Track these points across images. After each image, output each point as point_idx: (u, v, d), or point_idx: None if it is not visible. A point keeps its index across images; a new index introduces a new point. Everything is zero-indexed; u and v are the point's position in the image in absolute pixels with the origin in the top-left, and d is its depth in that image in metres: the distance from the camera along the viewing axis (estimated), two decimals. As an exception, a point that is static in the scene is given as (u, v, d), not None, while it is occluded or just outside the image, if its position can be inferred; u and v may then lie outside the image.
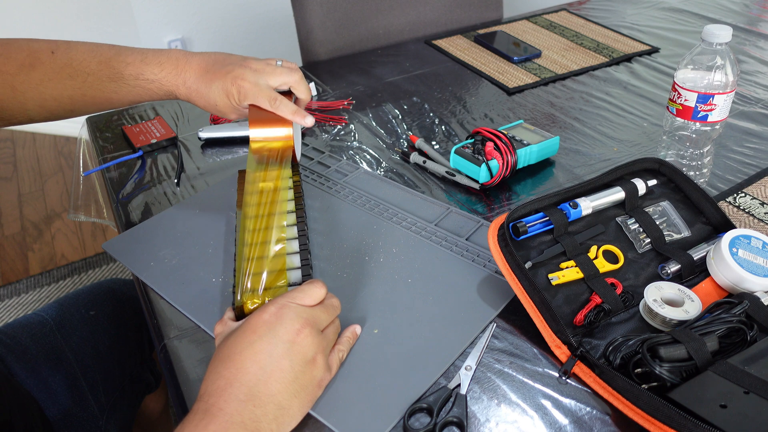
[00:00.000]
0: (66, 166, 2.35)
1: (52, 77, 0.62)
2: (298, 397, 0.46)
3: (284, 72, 0.68)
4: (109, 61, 0.64)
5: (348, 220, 0.71)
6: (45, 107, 0.64)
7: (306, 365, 0.47)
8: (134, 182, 0.81)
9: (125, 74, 0.65)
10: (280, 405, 0.45)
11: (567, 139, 0.88)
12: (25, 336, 0.76)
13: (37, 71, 0.62)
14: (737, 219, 0.72)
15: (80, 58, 0.63)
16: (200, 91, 0.66)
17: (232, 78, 0.65)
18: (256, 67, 0.67)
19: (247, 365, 0.45)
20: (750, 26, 1.26)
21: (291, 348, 0.46)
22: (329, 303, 0.53)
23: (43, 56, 0.63)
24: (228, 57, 0.68)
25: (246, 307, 0.54)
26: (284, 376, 0.45)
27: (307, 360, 0.47)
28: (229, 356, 0.46)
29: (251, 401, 0.43)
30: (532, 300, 0.56)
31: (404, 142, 0.89)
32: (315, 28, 1.26)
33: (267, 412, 0.44)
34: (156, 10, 2.24)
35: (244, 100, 0.66)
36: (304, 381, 0.47)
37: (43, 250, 1.95)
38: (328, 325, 0.52)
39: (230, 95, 0.65)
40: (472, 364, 0.54)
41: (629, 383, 0.48)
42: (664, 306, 0.55)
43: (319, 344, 0.48)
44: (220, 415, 0.42)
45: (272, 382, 0.45)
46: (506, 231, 0.60)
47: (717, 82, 0.81)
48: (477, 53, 1.16)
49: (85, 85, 0.64)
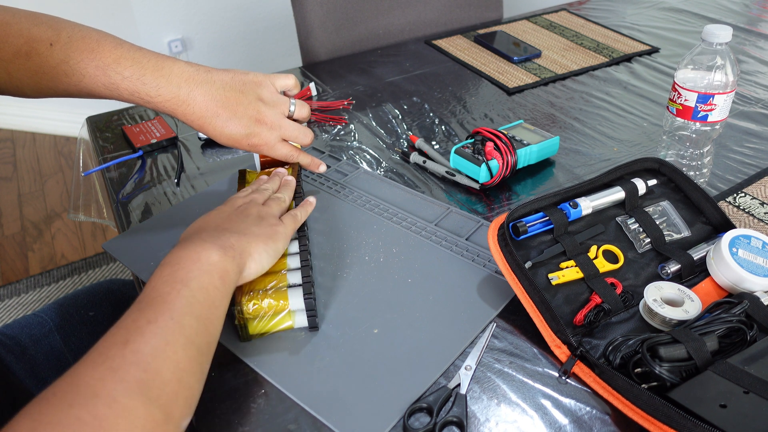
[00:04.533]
0: (66, 166, 2.36)
1: (48, 71, 0.61)
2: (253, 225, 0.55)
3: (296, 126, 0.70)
4: (106, 69, 0.61)
5: (348, 220, 0.71)
6: (41, 92, 0.63)
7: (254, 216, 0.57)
8: (134, 182, 0.81)
9: (121, 88, 0.62)
10: (235, 230, 0.53)
11: (567, 139, 0.88)
12: (25, 337, 0.76)
13: (32, 61, 0.60)
14: (737, 219, 0.72)
15: (78, 58, 0.61)
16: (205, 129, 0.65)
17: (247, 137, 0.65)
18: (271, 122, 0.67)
19: (198, 222, 0.56)
20: (750, 26, 1.26)
21: (237, 210, 0.58)
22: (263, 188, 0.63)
23: (41, 47, 0.60)
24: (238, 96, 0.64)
25: (246, 308, 0.54)
26: (233, 221, 0.55)
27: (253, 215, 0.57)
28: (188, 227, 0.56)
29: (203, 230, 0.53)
30: (532, 300, 0.56)
31: (404, 142, 0.89)
32: (315, 28, 1.26)
33: (222, 233, 0.52)
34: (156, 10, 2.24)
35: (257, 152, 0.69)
36: (252, 218, 0.56)
37: (43, 250, 1.95)
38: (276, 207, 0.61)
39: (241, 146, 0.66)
40: (472, 364, 0.54)
41: (629, 383, 0.48)
42: (664, 306, 0.55)
43: (263, 210, 0.58)
44: (181, 243, 0.51)
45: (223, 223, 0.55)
46: (506, 231, 0.60)
47: (717, 82, 0.81)
48: (477, 53, 1.16)
49: (81, 85, 0.62)
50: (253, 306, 0.54)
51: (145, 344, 0.41)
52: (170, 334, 0.42)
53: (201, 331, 0.45)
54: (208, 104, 0.63)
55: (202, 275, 0.47)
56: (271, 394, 0.52)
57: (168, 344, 0.42)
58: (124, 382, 0.38)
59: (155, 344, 0.41)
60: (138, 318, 0.43)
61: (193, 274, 0.46)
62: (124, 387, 0.38)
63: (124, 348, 0.40)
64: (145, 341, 0.41)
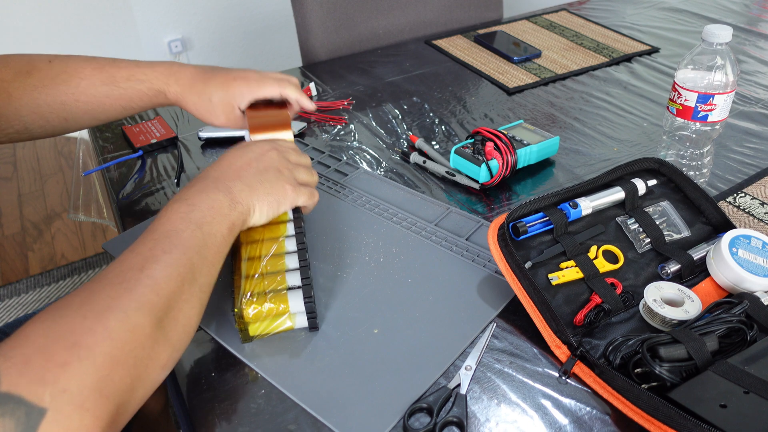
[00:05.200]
0: (66, 166, 2.35)
1: (47, 83, 0.64)
2: (264, 183, 0.56)
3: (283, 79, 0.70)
4: (104, 66, 0.66)
5: (348, 220, 0.71)
6: (38, 113, 0.65)
7: (271, 170, 0.57)
8: (134, 182, 0.81)
9: (117, 77, 0.66)
10: (247, 183, 0.55)
11: (567, 139, 0.88)
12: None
13: (32, 77, 0.64)
14: (737, 219, 0.72)
15: (76, 65, 0.65)
16: (195, 88, 0.67)
17: (234, 74, 0.67)
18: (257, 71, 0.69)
19: (220, 162, 0.57)
20: (750, 26, 1.26)
21: (259, 158, 0.58)
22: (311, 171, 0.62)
23: (40, 64, 0.65)
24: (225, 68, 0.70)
25: (246, 313, 0.54)
26: (251, 172, 0.56)
27: (272, 168, 0.58)
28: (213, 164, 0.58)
29: (222, 178, 0.55)
30: (532, 300, 0.56)
31: (404, 142, 0.89)
32: (315, 28, 1.26)
33: (236, 184, 0.54)
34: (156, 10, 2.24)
35: (247, 91, 0.67)
36: (270, 176, 0.57)
37: (43, 250, 1.95)
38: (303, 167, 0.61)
39: (230, 88, 0.66)
40: (472, 364, 0.54)
41: (629, 383, 0.48)
42: (664, 306, 0.55)
43: (286, 163, 0.59)
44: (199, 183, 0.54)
45: (241, 171, 0.56)
46: (506, 231, 0.60)
47: (717, 82, 0.81)
48: (477, 53, 1.16)
49: (78, 90, 0.65)
50: (254, 311, 0.54)
51: (159, 271, 0.45)
52: (181, 267, 0.46)
53: (205, 272, 0.49)
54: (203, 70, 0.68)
55: (214, 222, 0.51)
56: (271, 394, 0.52)
57: (179, 275, 0.46)
58: (137, 301, 0.42)
59: (168, 273, 0.45)
60: (154, 247, 0.46)
61: (207, 220, 0.50)
62: (136, 305, 0.42)
63: (140, 273, 0.44)
64: (160, 269, 0.45)
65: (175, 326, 0.45)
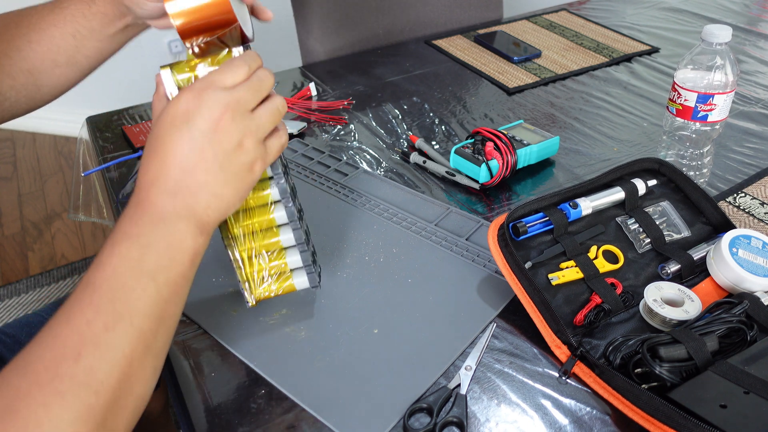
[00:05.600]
0: (66, 166, 2.35)
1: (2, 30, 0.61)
2: (230, 184, 0.44)
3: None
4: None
5: (348, 220, 0.71)
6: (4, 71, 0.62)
7: (232, 152, 0.43)
8: (134, 182, 0.81)
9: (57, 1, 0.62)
10: (212, 193, 0.43)
11: (567, 139, 0.88)
12: (25, 335, 0.76)
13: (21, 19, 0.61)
14: (737, 219, 0.72)
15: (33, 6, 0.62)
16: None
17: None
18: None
19: (168, 159, 0.42)
20: (750, 26, 1.26)
21: (212, 137, 0.42)
22: (255, 77, 0.45)
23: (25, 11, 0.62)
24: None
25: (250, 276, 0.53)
26: (209, 166, 0.43)
27: (232, 147, 0.43)
28: (153, 148, 0.43)
29: (180, 193, 0.42)
30: (532, 300, 0.56)
31: (404, 142, 0.89)
32: (315, 28, 1.26)
33: (199, 200, 0.43)
34: (156, 10, 2.24)
35: None
36: (234, 168, 0.44)
37: (43, 250, 1.95)
38: (260, 103, 0.45)
39: None
40: (472, 364, 0.54)
41: (629, 383, 0.48)
42: (664, 306, 0.55)
43: (246, 127, 0.44)
44: (152, 207, 0.42)
45: (198, 173, 0.42)
46: (506, 231, 0.60)
47: (717, 82, 0.81)
48: (477, 53, 1.16)
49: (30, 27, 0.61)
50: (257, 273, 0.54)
51: (100, 359, 0.37)
52: (128, 343, 0.38)
53: (161, 333, 0.41)
54: None
55: (172, 265, 0.41)
56: (271, 394, 0.52)
57: (125, 357, 0.38)
58: (72, 411, 0.35)
59: (111, 358, 0.37)
60: (94, 321, 0.37)
61: (163, 264, 0.41)
62: (70, 417, 0.35)
63: (76, 365, 0.36)
64: (101, 355, 0.37)
65: (123, 415, 0.38)
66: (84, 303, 0.38)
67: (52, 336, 0.37)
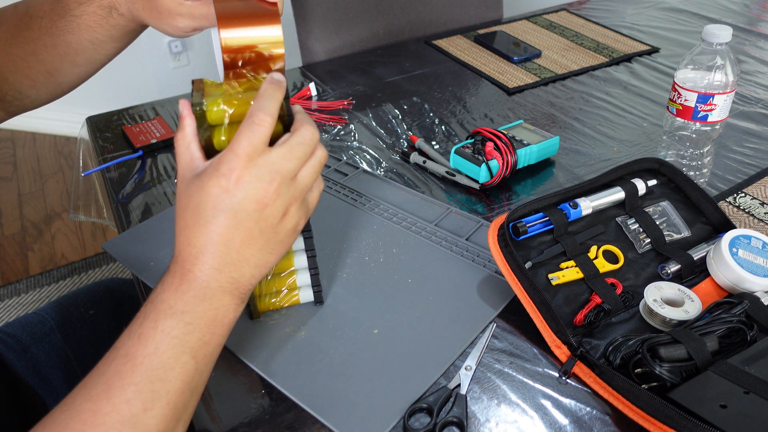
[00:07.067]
0: (66, 166, 2.35)
1: (14, 33, 0.61)
2: (275, 252, 0.44)
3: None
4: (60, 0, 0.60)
5: (348, 220, 0.71)
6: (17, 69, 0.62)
7: (278, 224, 0.44)
8: (134, 182, 0.81)
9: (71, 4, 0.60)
10: (257, 264, 0.43)
11: (567, 139, 0.88)
12: (26, 335, 0.76)
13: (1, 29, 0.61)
14: (737, 219, 0.72)
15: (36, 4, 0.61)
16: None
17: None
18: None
19: (213, 237, 0.41)
20: (750, 26, 1.26)
21: (259, 216, 0.42)
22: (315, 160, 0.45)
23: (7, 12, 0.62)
24: None
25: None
26: (255, 241, 0.43)
27: (278, 220, 0.43)
28: (196, 220, 0.42)
29: (225, 269, 0.42)
30: (532, 300, 0.56)
31: (404, 142, 0.89)
32: (315, 28, 1.26)
33: (244, 273, 0.43)
34: (156, 10, 2.23)
35: None
36: (279, 237, 0.44)
37: (43, 250, 1.95)
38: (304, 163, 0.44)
39: None
40: (472, 364, 0.54)
41: (629, 383, 0.48)
42: (664, 306, 0.55)
43: (292, 196, 0.44)
44: (197, 282, 0.41)
45: (244, 249, 0.42)
46: (506, 231, 0.60)
47: (717, 82, 0.81)
48: (477, 53, 1.16)
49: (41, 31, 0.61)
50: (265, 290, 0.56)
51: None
52: (163, 420, 0.39)
53: (192, 402, 0.42)
54: None
55: (212, 341, 0.42)
56: (271, 394, 0.52)
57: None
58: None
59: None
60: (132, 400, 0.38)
61: (205, 341, 0.42)
62: None
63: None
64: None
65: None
66: (125, 381, 0.38)
67: (92, 411, 0.38)
